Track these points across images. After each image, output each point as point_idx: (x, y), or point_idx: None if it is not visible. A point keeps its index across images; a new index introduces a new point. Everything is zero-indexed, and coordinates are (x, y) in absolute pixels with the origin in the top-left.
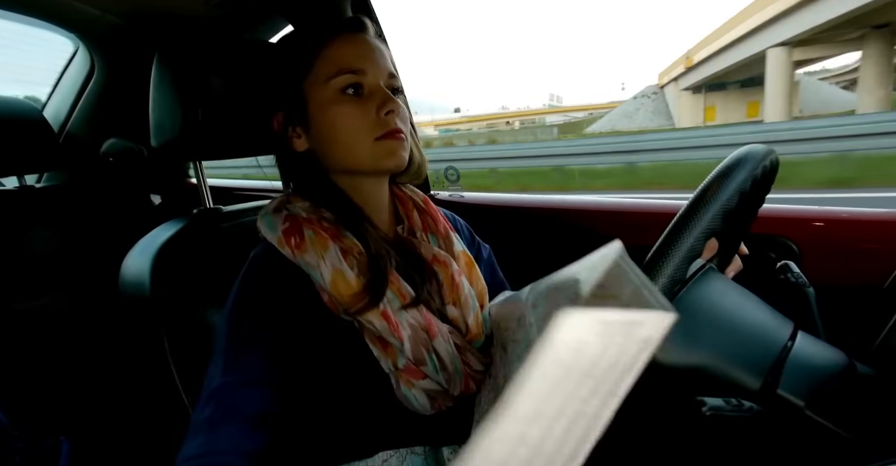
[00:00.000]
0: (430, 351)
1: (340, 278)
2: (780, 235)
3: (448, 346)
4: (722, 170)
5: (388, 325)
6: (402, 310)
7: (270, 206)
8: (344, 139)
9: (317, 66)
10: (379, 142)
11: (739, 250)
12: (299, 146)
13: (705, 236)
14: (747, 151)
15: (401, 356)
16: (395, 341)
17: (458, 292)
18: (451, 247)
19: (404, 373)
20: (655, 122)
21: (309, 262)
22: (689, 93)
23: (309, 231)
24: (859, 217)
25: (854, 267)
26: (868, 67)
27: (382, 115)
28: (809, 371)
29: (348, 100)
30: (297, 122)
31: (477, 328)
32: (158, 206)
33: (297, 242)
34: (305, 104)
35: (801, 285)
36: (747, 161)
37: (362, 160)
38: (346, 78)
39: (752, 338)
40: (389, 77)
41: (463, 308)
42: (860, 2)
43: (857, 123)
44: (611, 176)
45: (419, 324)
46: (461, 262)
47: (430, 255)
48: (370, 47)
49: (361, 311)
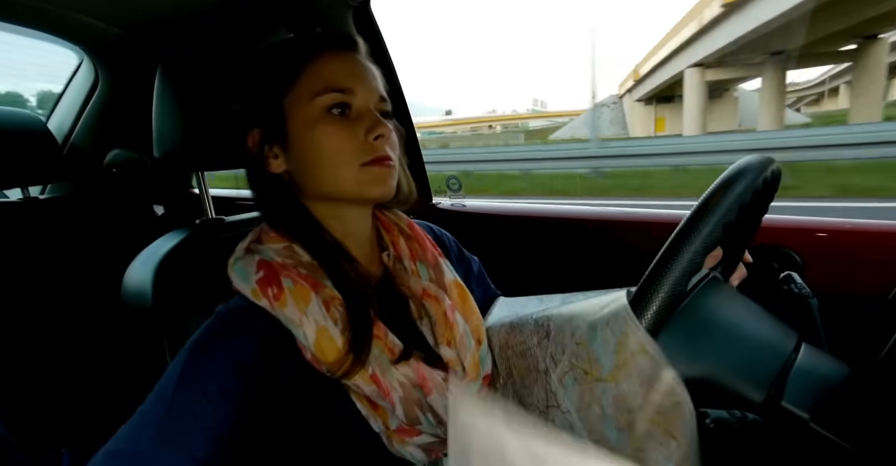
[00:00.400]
0: (424, 410)
1: (325, 337)
2: (784, 245)
3: (445, 400)
4: (722, 181)
5: (378, 388)
6: (392, 367)
7: (241, 247)
8: (327, 162)
9: (302, 80)
10: (365, 168)
11: (744, 258)
12: (275, 168)
13: (705, 249)
14: (748, 162)
15: (392, 417)
16: (385, 404)
17: (452, 331)
18: (442, 278)
19: (396, 433)
20: (612, 130)
21: (290, 318)
22: (641, 104)
23: (287, 281)
24: (863, 228)
25: (858, 278)
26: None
27: (371, 139)
28: (813, 383)
29: (334, 120)
30: (275, 140)
31: (474, 369)
32: (161, 216)
33: (275, 293)
34: (285, 122)
35: (804, 296)
36: (747, 172)
37: (346, 187)
38: (334, 97)
39: (756, 350)
40: (380, 100)
41: (459, 349)
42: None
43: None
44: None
45: (411, 381)
46: (454, 294)
47: (420, 289)
48: (361, 67)
49: (347, 375)
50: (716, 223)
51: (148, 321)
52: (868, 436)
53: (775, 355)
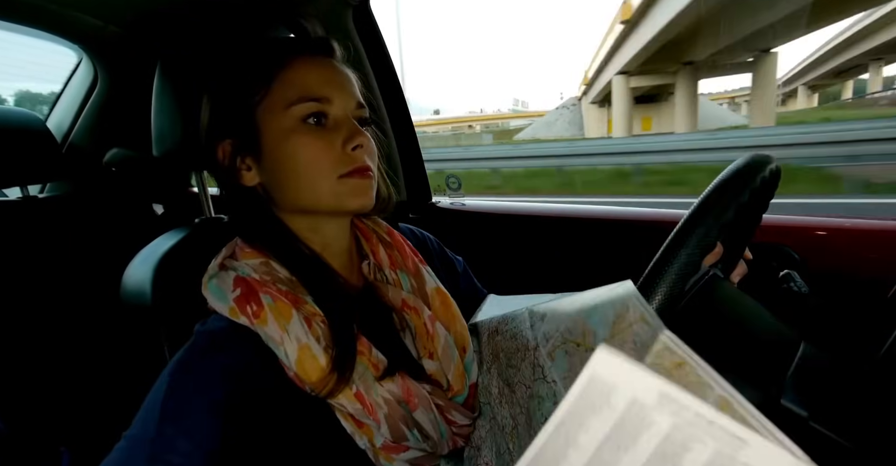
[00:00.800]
0: (410, 426)
1: (307, 355)
2: (783, 244)
3: (430, 414)
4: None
5: (363, 407)
6: (376, 384)
7: (214, 264)
8: (303, 175)
9: (274, 89)
10: (343, 179)
11: (744, 255)
12: (249, 180)
13: (703, 250)
14: (746, 161)
15: (377, 435)
16: (370, 422)
17: (434, 343)
18: (424, 285)
19: (382, 450)
20: (570, 131)
21: (271, 336)
22: (595, 106)
23: (267, 297)
24: (862, 227)
25: (857, 276)
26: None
27: (349, 150)
28: (813, 382)
29: (310, 130)
30: (247, 151)
31: (459, 382)
32: (160, 215)
33: (254, 310)
34: (258, 132)
35: (803, 294)
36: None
37: (323, 199)
38: (309, 106)
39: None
40: (357, 107)
41: (442, 361)
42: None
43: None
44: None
45: (396, 397)
46: (436, 303)
47: (399, 300)
48: (338, 73)
49: (331, 394)
50: (713, 224)
51: (147, 319)
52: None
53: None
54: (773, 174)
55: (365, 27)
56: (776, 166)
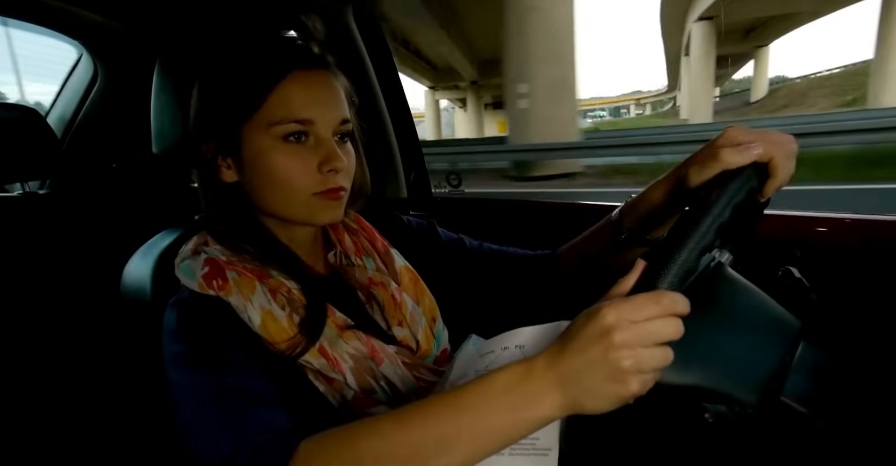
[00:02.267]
0: (377, 379)
1: (270, 319)
2: (782, 239)
3: (397, 369)
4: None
5: (328, 361)
6: (340, 340)
7: (186, 249)
8: (278, 188)
9: (261, 110)
10: (316, 197)
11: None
12: (227, 178)
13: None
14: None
15: (347, 388)
16: (337, 376)
17: (402, 311)
18: (392, 264)
19: (353, 404)
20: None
21: (236, 305)
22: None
23: (232, 273)
24: (863, 222)
25: (857, 272)
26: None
27: (324, 171)
28: (813, 378)
29: (289, 147)
30: (227, 154)
31: (427, 343)
32: (160, 211)
33: (220, 284)
34: (240, 143)
35: (803, 290)
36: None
37: (296, 212)
38: (292, 127)
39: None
40: (341, 123)
41: (410, 326)
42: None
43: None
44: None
45: (361, 353)
46: (404, 279)
47: (366, 279)
48: (326, 90)
49: (299, 354)
50: (710, 224)
51: (147, 315)
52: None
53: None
54: None
55: (366, 24)
56: None
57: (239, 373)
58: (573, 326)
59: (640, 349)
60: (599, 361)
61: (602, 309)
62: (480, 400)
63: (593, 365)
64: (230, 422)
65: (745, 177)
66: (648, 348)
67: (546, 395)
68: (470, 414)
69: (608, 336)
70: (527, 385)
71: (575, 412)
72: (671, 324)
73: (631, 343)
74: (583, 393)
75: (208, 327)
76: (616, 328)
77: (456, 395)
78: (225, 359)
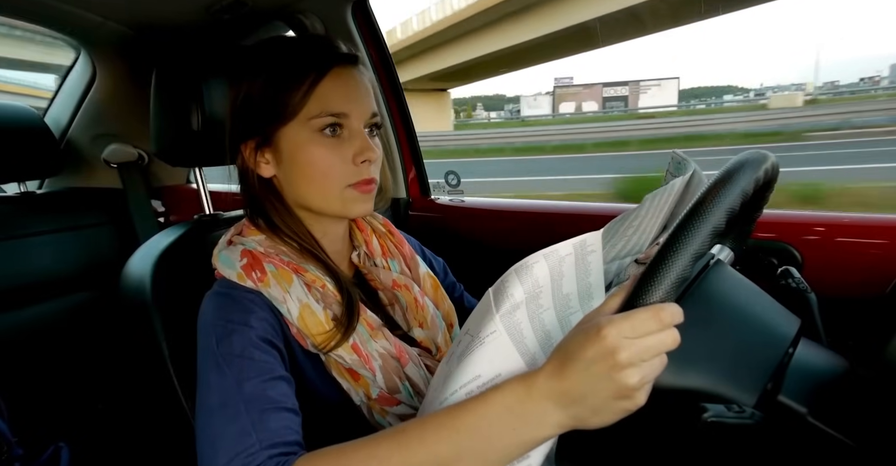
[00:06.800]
0: (402, 379)
1: (308, 312)
2: (782, 240)
3: (420, 370)
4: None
5: (360, 358)
6: (371, 340)
7: (223, 240)
8: (315, 180)
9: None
10: (349, 189)
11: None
12: (266, 172)
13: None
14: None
15: (373, 386)
16: (367, 373)
17: (423, 313)
18: (416, 269)
19: (377, 402)
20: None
21: (274, 296)
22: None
23: (270, 265)
24: (861, 222)
25: (856, 272)
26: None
27: (358, 162)
28: (812, 378)
29: (325, 140)
30: (267, 147)
31: (446, 347)
32: (159, 212)
33: (259, 276)
34: (279, 140)
35: (802, 290)
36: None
37: (330, 204)
38: (328, 120)
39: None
40: (372, 116)
41: (430, 329)
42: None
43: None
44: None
45: (389, 353)
46: (426, 284)
47: (390, 281)
48: (359, 85)
49: (333, 348)
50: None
51: (146, 315)
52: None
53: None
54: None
55: (364, 23)
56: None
57: (259, 377)
58: (571, 345)
59: (642, 364)
60: (605, 381)
61: (602, 329)
62: (481, 422)
63: (599, 385)
64: (240, 433)
65: (737, 182)
66: (649, 361)
67: (548, 415)
68: (469, 436)
69: (612, 357)
70: (527, 406)
71: (577, 428)
72: (670, 336)
73: (635, 361)
74: (588, 412)
75: (240, 322)
76: (620, 349)
77: (454, 416)
78: (251, 361)
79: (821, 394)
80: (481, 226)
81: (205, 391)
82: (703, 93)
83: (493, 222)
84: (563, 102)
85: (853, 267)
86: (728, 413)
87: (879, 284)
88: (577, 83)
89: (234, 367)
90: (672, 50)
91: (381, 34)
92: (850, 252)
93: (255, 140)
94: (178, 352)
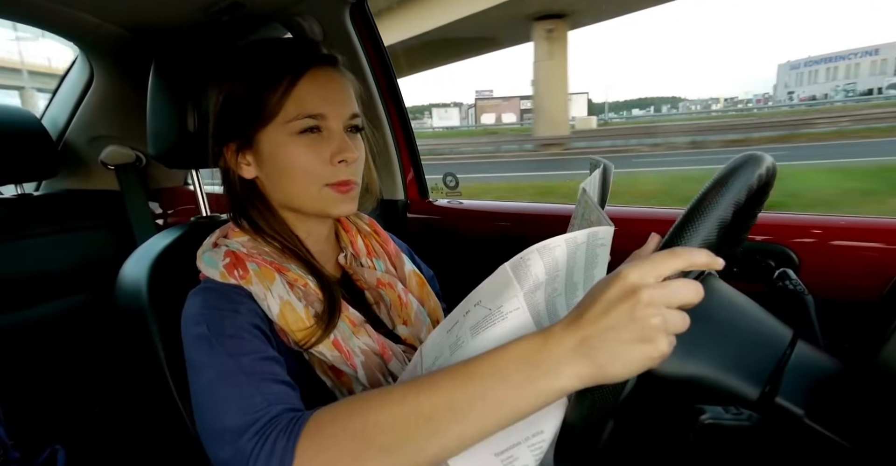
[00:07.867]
0: (385, 375)
1: (289, 309)
2: (779, 242)
3: (404, 366)
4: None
5: (341, 354)
6: (353, 336)
7: (208, 242)
8: (294, 179)
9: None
10: (328, 188)
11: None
12: (248, 174)
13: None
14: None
15: (356, 383)
16: (348, 369)
17: (406, 310)
18: (402, 267)
19: None
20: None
21: (256, 293)
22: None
23: (252, 264)
24: (858, 225)
25: (853, 275)
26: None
27: (335, 162)
28: (809, 380)
29: (303, 140)
30: (247, 149)
31: None
32: (156, 214)
33: (241, 274)
34: (259, 142)
35: (799, 292)
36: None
37: (310, 203)
38: (307, 122)
39: (751, 347)
40: (351, 117)
41: (414, 326)
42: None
43: None
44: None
45: (371, 349)
46: (412, 282)
47: (374, 280)
48: (338, 86)
49: (314, 344)
50: (711, 223)
51: (142, 318)
52: (862, 432)
53: (770, 351)
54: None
55: (362, 25)
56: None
57: (255, 355)
58: (591, 293)
59: (665, 309)
60: (626, 320)
61: (623, 271)
62: (494, 368)
63: (620, 326)
64: (246, 395)
65: (748, 174)
66: (672, 309)
67: (565, 364)
68: (483, 382)
69: (635, 295)
70: (543, 354)
71: (596, 382)
72: (692, 286)
73: (657, 302)
74: (608, 358)
75: (229, 309)
76: (642, 287)
77: (469, 363)
78: (243, 340)
79: (818, 396)
80: (480, 228)
81: (199, 371)
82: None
83: (491, 224)
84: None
85: (849, 270)
86: (725, 415)
87: (875, 286)
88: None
89: (228, 346)
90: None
91: (379, 36)
92: (847, 255)
93: (236, 142)
94: (174, 355)
